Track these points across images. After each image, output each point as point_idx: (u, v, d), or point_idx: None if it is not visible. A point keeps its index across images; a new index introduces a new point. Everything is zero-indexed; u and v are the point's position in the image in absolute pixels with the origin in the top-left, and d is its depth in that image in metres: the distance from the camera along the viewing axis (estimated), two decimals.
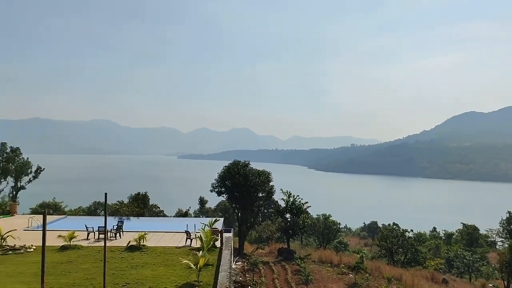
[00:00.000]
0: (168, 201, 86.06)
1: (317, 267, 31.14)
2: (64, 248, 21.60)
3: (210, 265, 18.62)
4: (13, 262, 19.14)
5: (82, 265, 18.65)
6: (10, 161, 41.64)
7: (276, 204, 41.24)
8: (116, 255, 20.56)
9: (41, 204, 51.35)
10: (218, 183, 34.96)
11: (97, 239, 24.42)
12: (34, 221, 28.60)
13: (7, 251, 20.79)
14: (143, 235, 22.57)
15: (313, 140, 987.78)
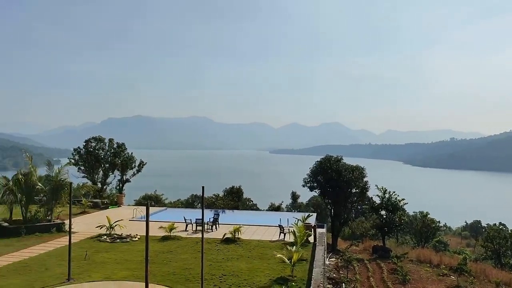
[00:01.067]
0: (260, 195, 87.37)
1: (414, 266, 29.75)
2: (165, 238, 22.81)
3: (304, 260, 18.55)
4: (120, 249, 20.62)
5: (181, 255, 19.55)
6: (117, 156, 44.79)
7: (371, 200, 39.99)
8: (212, 247, 21.27)
9: (144, 196, 54.76)
10: (310, 178, 34.77)
11: (195, 231, 25.46)
12: (138, 212, 30.56)
13: (115, 239, 22.44)
14: (238, 228, 23.11)
15: (409, 134, 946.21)
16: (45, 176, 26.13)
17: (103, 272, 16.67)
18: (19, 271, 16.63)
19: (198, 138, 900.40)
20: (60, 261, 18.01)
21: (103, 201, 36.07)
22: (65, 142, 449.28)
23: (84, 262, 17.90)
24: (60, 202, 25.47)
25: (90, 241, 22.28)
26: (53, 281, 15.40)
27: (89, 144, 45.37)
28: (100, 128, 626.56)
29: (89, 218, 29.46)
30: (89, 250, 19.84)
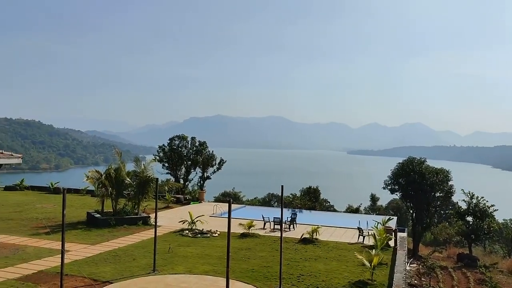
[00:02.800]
0: (337, 196, 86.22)
1: (505, 278, 27.82)
2: (244, 235, 23.26)
3: (384, 264, 18.05)
4: (201, 244, 21.34)
5: (260, 253, 19.83)
6: (199, 153, 46.46)
7: (456, 205, 37.99)
8: (290, 246, 21.34)
9: (223, 193, 56.29)
10: (391, 180, 33.80)
11: (273, 229, 25.69)
12: (218, 209, 31.44)
13: (196, 234, 23.27)
14: (316, 229, 22.99)
15: (499, 136, 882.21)
16: (132, 172, 27.70)
17: (185, 265, 17.35)
18: (109, 260, 17.78)
19: (275, 137, 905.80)
20: (146, 252, 19.01)
21: (185, 197, 37.51)
22: (150, 140, 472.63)
23: (168, 255, 18.74)
24: (146, 196, 26.88)
25: (173, 235, 23.29)
26: (139, 271, 16.29)
27: (172, 142, 47.42)
28: (183, 127, 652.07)
29: (172, 213, 30.81)
30: (172, 243, 20.76)
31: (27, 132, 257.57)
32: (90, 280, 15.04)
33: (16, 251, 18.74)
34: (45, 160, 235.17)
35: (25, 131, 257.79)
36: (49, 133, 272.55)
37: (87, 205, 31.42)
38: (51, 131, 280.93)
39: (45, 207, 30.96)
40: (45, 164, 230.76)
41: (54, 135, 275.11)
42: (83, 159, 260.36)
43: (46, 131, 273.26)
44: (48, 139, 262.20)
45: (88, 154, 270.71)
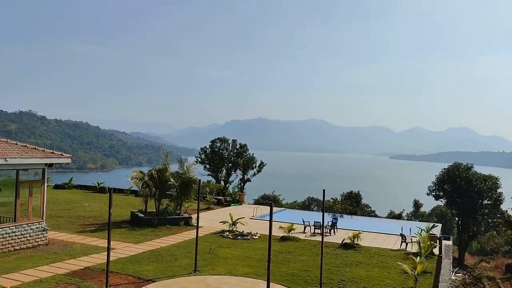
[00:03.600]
0: (379, 202, 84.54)
1: None
2: (284, 239, 23.21)
3: (428, 273, 17.55)
4: (241, 246, 21.46)
5: (300, 257, 19.73)
6: (239, 156, 46.85)
7: (505, 213, 36.46)
8: (330, 251, 21.12)
9: (263, 196, 56.31)
10: (435, 186, 32.86)
11: (313, 233, 25.50)
12: (259, 211, 31.51)
13: (237, 236, 23.42)
14: (357, 234, 22.64)
15: None
16: (175, 173, 28.21)
17: (226, 266, 17.50)
18: (152, 259, 18.17)
19: (316, 140, 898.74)
20: (187, 253, 19.30)
21: (226, 199, 37.83)
22: (192, 142, 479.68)
23: (209, 256, 18.96)
24: (188, 197, 27.30)
25: (213, 236, 23.54)
26: (181, 271, 16.56)
27: (214, 144, 48.01)
28: (223, 130, 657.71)
29: (213, 214, 31.15)
30: (213, 244, 20.98)
31: (75, 133, 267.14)
32: (134, 278, 15.43)
33: (65, 247, 19.47)
34: (92, 160, 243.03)
35: (73, 132, 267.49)
36: (95, 134, 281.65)
37: (131, 204, 32.26)
38: (97, 132, 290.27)
39: (92, 205, 32.00)
40: (91, 164, 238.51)
41: (100, 136, 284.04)
42: (127, 159, 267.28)
43: (93, 132, 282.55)
44: (95, 140, 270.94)
45: (132, 155, 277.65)
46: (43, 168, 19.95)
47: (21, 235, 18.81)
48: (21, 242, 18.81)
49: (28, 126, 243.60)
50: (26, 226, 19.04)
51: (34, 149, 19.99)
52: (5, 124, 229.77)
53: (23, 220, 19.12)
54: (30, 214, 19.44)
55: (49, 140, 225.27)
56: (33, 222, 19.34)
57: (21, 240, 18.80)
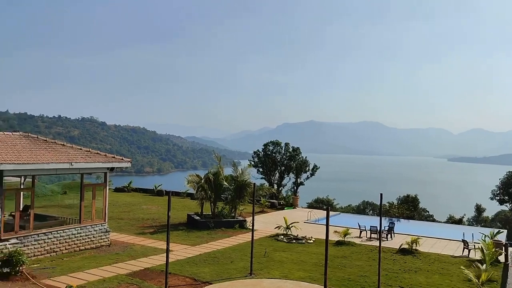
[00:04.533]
0: (437, 206, 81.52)
1: None
2: (339, 243, 22.91)
3: (494, 281, 16.72)
4: (296, 250, 21.39)
5: (356, 262, 19.40)
6: (292, 159, 46.84)
7: None
8: (388, 256, 20.62)
9: (316, 200, 55.85)
10: (500, 190, 31.27)
11: (369, 238, 25.01)
12: (313, 215, 31.31)
13: (292, 240, 23.37)
14: (415, 239, 21.96)
15: None
16: (229, 176, 28.58)
17: (281, 270, 17.50)
18: (209, 261, 18.49)
19: (370, 143, 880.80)
20: (243, 256, 19.49)
21: (279, 202, 37.86)
22: (245, 145, 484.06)
23: (263, 259, 19.05)
24: (242, 200, 27.58)
25: (268, 240, 23.62)
26: (237, 274, 16.73)
27: (267, 148, 48.24)
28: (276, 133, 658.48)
29: (267, 217, 31.27)
30: (268, 248, 21.06)
31: (133, 138, 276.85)
32: (191, 280, 15.76)
33: (125, 248, 20.22)
34: (149, 164, 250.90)
35: (131, 137, 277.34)
36: (152, 139, 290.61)
37: (187, 207, 33.01)
38: (154, 137, 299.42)
39: (150, 208, 33.03)
40: (148, 167, 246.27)
41: (157, 140, 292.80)
42: (182, 163, 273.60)
43: (150, 137, 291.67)
44: (152, 145, 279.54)
45: (187, 159, 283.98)
46: (105, 172, 20.82)
47: (85, 236, 19.72)
48: (86, 242, 19.71)
49: (90, 131, 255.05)
50: (90, 227, 19.94)
51: (97, 154, 20.92)
52: (69, 130, 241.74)
53: (87, 221, 20.03)
54: (93, 216, 20.35)
55: (109, 145, 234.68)
56: (96, 223, 20.23)
57: (85, 241, 19.70)
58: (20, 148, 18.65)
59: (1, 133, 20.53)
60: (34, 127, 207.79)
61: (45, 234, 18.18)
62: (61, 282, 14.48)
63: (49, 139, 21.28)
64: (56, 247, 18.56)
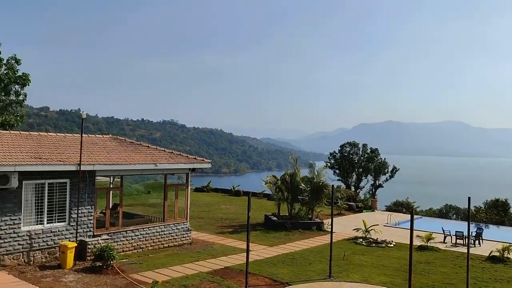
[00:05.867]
0: None
1: None
2: (422, 248, 21.98)
3: None
4: (375, 254, 20.84)
5: (441, 268, 18.51)
6: (370, 160, 45.68)
7: None
8: (476, 263, 19.43)
9: (395, 202, 53.99)
10: None
11: (454, 244, 23.74)
12: (393, 218, 30.33)
13: (371, 243, 22.80)
14: (507, 247, 20.51)
15: None
16: (305, 177, 28.48)
17: (361, 274, 17.14)
18: (287, 262, 18.55)
19: (453, 144, 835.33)
20: (321, 258, 19.33)
21: (357, 205, 37.10)
22: (319, 147, 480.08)
23: (342, 262, 18.76)
24: (319, 202, 27.37)
25: (346, 242, 23.23)
26: (315, 276, 16.62)
27: (343, 149, 47.47)
28: (352, 134, 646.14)
29: (345, 220, 30.76)
30: (346, 251, 20.71)
31: (211, 139, 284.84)
32: (270, 280, 15.90)
33: (206, 247, 20.84)
34: (226, 165, 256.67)
35: (209, 138, 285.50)
36: (229, 141, 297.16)
37: (263, 207, 33.35)
38: (230, 138, 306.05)
39: (228, 208, 33.79)
40: (225, 168, 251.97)
41: (233, 142, 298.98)
42: (258, 164, 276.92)
43: (226, 139, 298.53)
44: (228, 146, 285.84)
45: (262, 160, 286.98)
46: (187, 173, 21.62)
47: (169, 234, 20.59)
48: (169, 240, 20.58)
49: (170, 133, 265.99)
50: (173, 225, 20.79)
51: (179, 155, 21.79)
52: (151, 132, 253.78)
53: (170, 220, 20.91)
54: (176, 215, 21.20)
55: (188, 146, 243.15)
56: (178, 222, 21.06)
57: (168, 239, 20.57)
58: (110, 150, 19.90)
59: (93, 136, 22.05)
60: (120, 129, 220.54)
61: (133, 231, 19.24)
62: (147, 277, 15.23)
63: (135, 141, 22.51)
64: (142, 244, 19.57)
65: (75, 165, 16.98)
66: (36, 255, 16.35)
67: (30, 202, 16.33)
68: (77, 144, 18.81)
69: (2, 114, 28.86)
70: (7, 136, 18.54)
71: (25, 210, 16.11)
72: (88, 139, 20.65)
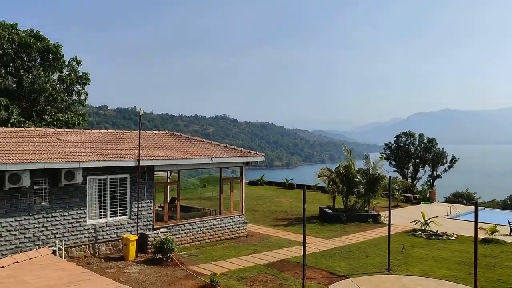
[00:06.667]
0: None
1: None
2: (486, 241, 21.01)
3: None
4: (436, 247, 20.16)
5: (507, 262, 17.65)
6: (427, 151, 44.19)
7: None
8: None
9: (454, 194, 52.02)
10: None
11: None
12: (453, 210, 29.26)
13: (431, 236, 22.09)
14: None
15: None
16: (360, 169, 27.97)
17: (420, 267, 16.67)
18: (343, 255, 18.35)
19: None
20: (378, 251, 18.97)
21: (415, 196, 36.05)
22: (373, 138, 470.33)
23: (401, 255, 18.32)
24: (375, 194, 26.83)
25: (404, 235, 22.64)
26: (373, 269, 16.35)
27: (399, 139, 46.24)
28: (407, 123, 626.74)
29: (402, 212, 29.98)
30: (405, 243, 20.18)
31: (262, 133, 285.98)
32: (327, 273, 15.80)
33: (262, 240, 21.00)
34: (278, 158, 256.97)
35: (261, 132, 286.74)
36: (280, 134, 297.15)
37: (318, 200, 33.12)
38: (282, 131, 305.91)
39: (282, 201, 33.84)
40: (277, 161, 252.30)
41: (285, 135, 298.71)
42: (310, 157, 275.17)
43: (278, 132, 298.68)
44: (280, 139, 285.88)
45: (314, 152, 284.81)
46: (241, 166, 21.84)
47: (225, 227, 20.92)
48: (225, 233, 20.91)
49: (223, 128, 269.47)
50: (229, 218, 21.09)
51: (233, 149, 22.04)
52: (205, 128, 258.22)
53: (226, 213, 21.23)
54: (232, 208, 21.49)
55: (241, 140, 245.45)
56: (234, 215, 21.34)
57: (225, 231, 20.91)
58: (167, 145, 20.45)
59: (150, 132, 22.73)
60: (175, 125, 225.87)
61: (190, 224, 19.70)
62: (206, 269, 15.56)
63: (190, 136, 22.99)
64: (200, 236, 20.01)
65: (134, 161, 17.59)
66: (101, 247, 17.13)
67: (94, 197, 17.10)
68: (135, 141, 19.46)
69: (66, 113, 30.32)
70: (71, 134, 19.49)
71: (89, 205, 16.90)
72: (146, 135, 21.30)
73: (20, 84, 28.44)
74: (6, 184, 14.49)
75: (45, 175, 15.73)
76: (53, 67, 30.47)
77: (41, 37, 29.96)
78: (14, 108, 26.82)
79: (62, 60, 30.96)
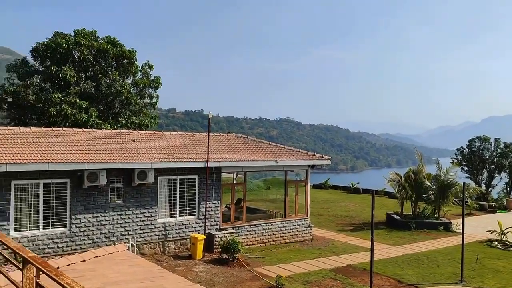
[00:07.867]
0: None
1: None
2: None
3: None
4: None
5: None
6: (504, 156, 41.71)
7: None
8: None
9: None
10: None
11: None
12: None
13: (508, 247, 20.83)
14: None
15: None
16: (430, 175, 26.89)
17: (497, 280, 15.77)
18: (412, 263, 17.75)
19: None
20: (450, 260, 18.17)
21: (490, 204, 34.14)
22: (443, 142, 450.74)
23: (475, 266, 17.43)
24: (446, 201, 25.71)
25: (478, 245, 21.51)
26: (445, 279, 15.68)
27: (472, 144, 44.08)
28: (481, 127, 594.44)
29: (476, 220, 28.51)
30: (479, 254, 19.18)
31: (326, 136, 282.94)
32: (395, 281, 15.37)
33: (327, 244, 20.80)
34: (343, 161, 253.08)
35: (325, 135, 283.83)
36: (345, 137, 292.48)
37: (385, 206, 32.23)
38: (347, 135, 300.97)
39: (347, 205, 33.31)
40: (342, 165, 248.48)
41: (350, 138, 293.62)
42: (376, 161, 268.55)
43: (343, 135, 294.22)
44: (345, 142, 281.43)
45: (381, 156, 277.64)
46: (306, 169, 21.78)
47: (290, 230, 20.94)
48: (290, 236, 20.93)
49: (287, 131, 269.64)
50: (294, 221, 21.09)
51: (298, 152, 22.04)
52: (268, 130, 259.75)
53: (291, 216, 21.24)
54: (297, 211, 21.47)
55: (304, 143, 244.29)
56: (299, 218, 21.31)
57: (290, 234, 20.92)
58: (234, 147, 20.84)
59: (218, 134, 23.26)
60: (239, 128, 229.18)
61: (256, 226, 19.92)
62: (271, 271, 15.67)
63: (255, 138, 23.26)
64: (265, 238, 20.17)
65: (203, 162, 18.09)
66: (170, 246, 17.76)
67: (164, 197, 17.78)
68: (204, 142, 20.00)
69: (139, 115, 31.75)
70: (143, 136, 20.39)
71: (160, 204, 17.60)
72: (214, 138, 21.82)
73: (98, 88, 30.21)
74: (85, 182, 15.43)
75: (119, 175, 16.59)
76: (127, 71, 32.03)
77: (117, 43, 31.56)
78: (93, 111, 28.52)
79: (136, 65, 32.46)
